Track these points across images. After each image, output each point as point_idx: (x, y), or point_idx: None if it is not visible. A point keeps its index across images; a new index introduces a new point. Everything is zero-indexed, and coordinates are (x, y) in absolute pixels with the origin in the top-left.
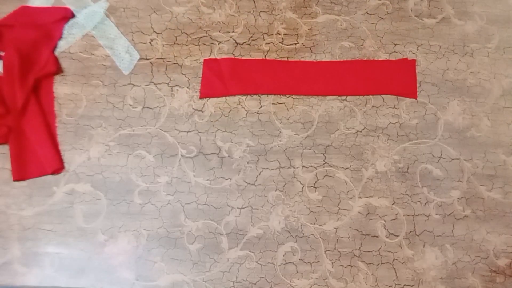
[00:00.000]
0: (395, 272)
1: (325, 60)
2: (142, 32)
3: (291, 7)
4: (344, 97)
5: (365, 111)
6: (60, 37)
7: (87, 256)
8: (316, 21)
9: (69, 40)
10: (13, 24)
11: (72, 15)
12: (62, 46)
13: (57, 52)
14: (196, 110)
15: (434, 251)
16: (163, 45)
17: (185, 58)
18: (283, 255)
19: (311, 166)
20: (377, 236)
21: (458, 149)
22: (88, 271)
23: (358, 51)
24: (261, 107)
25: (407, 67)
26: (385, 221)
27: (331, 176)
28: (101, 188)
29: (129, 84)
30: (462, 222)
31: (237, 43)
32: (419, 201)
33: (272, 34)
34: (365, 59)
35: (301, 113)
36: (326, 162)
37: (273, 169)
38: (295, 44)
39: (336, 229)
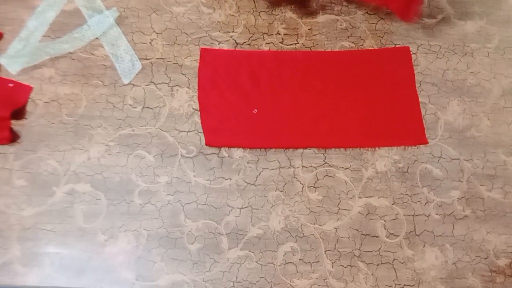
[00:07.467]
0: (395, 272)
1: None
2: (142, 32)
3: (291, 7)
4: None
5: None
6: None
7: (87, 256)
8: (316, 21)
9: (75, 45)
10: None
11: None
12: (67, 49)
13: (59, 54)
14: (196, 110)
15: (434, 251)
16: (163, 45)
17: (185, 58)
18: (283, 255)
19: (311, 166)
20: (377, 236)
21: (458, 149)
22: (88, 271)
23: None
24: None
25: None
26: (385, 221)
27: (331, 176)
28: (101, 188)
29: (129, 84)
30: (462, 222)
31: (237, 43)
32: (419, 201)
33: (272, 34)
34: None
35: None
36: (326, 162)
37: (273, 169)
38: (295, 44)
39: (336, 229)
